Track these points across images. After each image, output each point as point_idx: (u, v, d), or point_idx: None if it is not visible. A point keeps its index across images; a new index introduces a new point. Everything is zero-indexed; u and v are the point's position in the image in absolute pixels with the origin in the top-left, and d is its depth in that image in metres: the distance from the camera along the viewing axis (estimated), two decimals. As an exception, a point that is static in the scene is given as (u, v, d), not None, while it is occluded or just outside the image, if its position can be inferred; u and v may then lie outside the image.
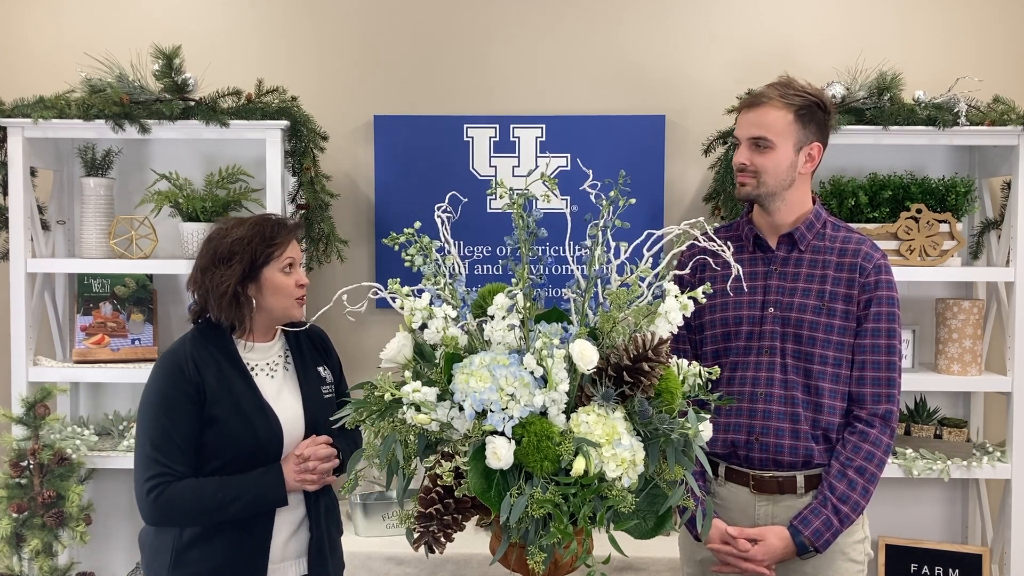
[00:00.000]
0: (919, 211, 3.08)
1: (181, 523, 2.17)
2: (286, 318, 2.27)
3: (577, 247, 1.88)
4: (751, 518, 2.26)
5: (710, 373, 1.92)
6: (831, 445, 2.23)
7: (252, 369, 2.25)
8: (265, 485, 2.15)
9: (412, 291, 1.86)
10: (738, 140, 2.27)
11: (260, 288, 2.21)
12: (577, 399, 1.77)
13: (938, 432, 3.19)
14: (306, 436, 2.24)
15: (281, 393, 2.26)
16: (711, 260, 2.19)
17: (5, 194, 3.12)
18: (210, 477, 2.15)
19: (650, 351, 1.72)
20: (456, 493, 1.70)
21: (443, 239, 1.92)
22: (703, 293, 1.88)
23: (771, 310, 2.26)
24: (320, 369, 2.34)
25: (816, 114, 2.23)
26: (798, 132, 2.21)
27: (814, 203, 2.31)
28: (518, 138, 3.37)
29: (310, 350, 2.35)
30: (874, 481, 2.19)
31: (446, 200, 1.98)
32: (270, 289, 2.21)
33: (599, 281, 1.86)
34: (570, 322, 1.86)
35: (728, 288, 2.15)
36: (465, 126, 3.38)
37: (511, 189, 1.87)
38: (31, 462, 2.97)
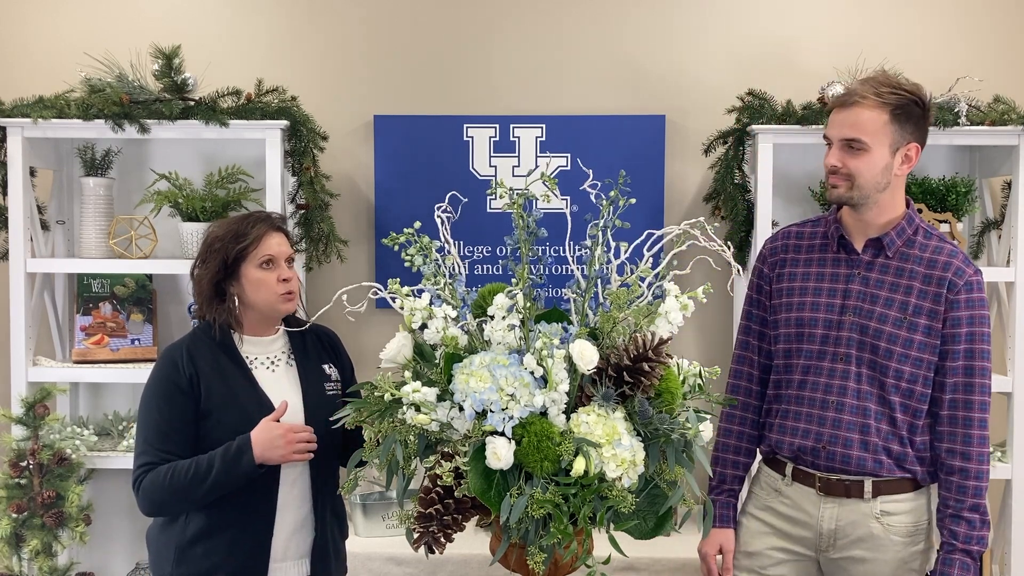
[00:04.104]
0: (919, 211, 3.08)
1: (166, 507, 2.16)
2: (274, 313, 2.26)
3: (577, 247, 1.88)
4: (815, 519, 2.22)
5: (710, 372, 1.92)
6: (901, 462, 2.17)
7: (251, 362, 2.25)
8: (232, 452, 2.10)
9: (412, 291, 1.86)
10: (829, 140, 2.18)
11: (241, 285, 2.22)
12: (577, 399, 1.77)
13: (938, 432, 3.18)
14: None
15: (280, 386, 2.25)
16: (788, 255, 2.17)
17: (5, 194, 3.11)
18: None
19: (650, 351, 1.72)
20: (456, 493, 1.70)
21: (443, 239, 1.92)
22: (703, 293, 1.88)
23: (850, 315, 2.18)
24: (325, 366, 2.33)
25: (913, 112, 2.12)
26: (894, 133, 2.11)
27: (907, 206, 2.22)
28: (518, 138, 3.37)
29: (316, 347, 2.35)
30: (987, 507, 2.13)
31: (446, 200, 1.98)
32: (251, 286, 2.21)
33: (599, 281, 1.86)
34: (570, 322, 1.86)
35: (728, 289, 2.14)
36: (465, 126, 3.37)
37: (511, 189, 1.87)
38: (31, 462, 2.97)
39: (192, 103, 3.08)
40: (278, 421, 2.15)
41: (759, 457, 2.38)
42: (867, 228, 2.20)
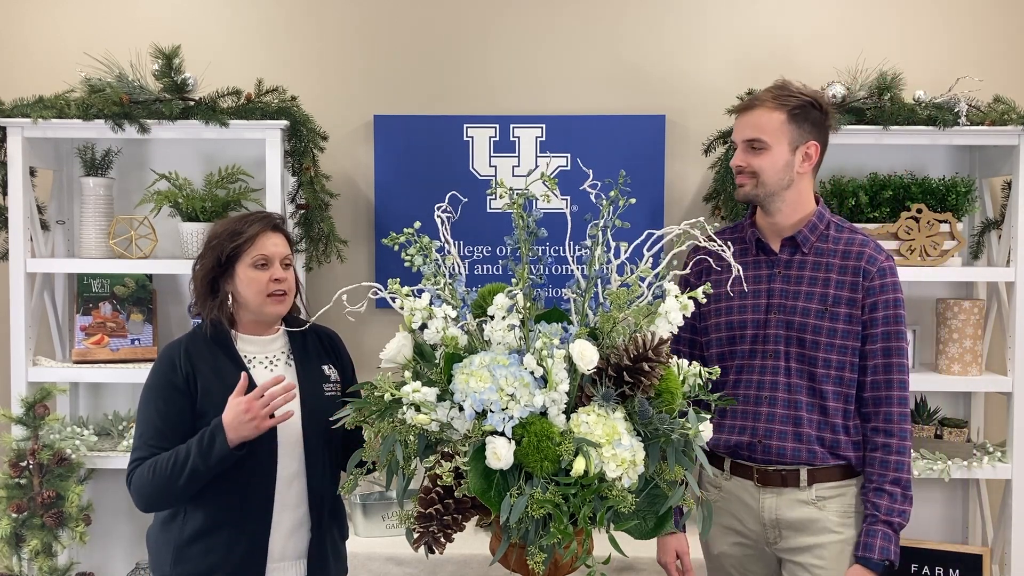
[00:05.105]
0: (919, 211, 3.08)
1: (154, 500, 2.16)
2: (264, 314, 2.25)
3: (577, 247, 1.88)
4: (755, 511, 2.29)
5: (710, 373, 1.92)
6: (835, 449, 2.25)
7: (250, 361, 2.25)
8: (206, 437, 2.08)
9: (412, 291, 1.86)
10: (735, 143, 2.31)
11: (235, 284, 2.23)
12: (577, 399, 1.77)
13: (938, 432, 3.18)
14: (303, 429, 2.22)
15: None
16: (712, 261, 2.19)
17: (5, 194, 3.11)
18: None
19: (650, 351, 1.72)
20: (456, 493, 1.70)
21: (443, 239, 1.92)
22: (703, 293, 1.88)
23: (775, 313, 2.27)
24: (324, 367, 2.33)
25: (810, 113, 2.25)
26: (792, 132, 2.24)
27: (817, 203, 2.32)
28: (518, 138, 3.37)
29: (316, 348, 2.35)
30: (910, 483, 2.23)
31: (446, 200, 1.98)
32: (243, 284, 2.22)
33: (599, 281, 1.86)
34: (570, 322, 1.86)
35: (728, 289, 2.15)
36: (465, 126, 3.37)
37: (511, 189, 1.87)
38: (31, 462, 2.97)
39: (192, 103, 3.08)
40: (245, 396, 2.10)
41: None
42: (780, 228, 2.31)
